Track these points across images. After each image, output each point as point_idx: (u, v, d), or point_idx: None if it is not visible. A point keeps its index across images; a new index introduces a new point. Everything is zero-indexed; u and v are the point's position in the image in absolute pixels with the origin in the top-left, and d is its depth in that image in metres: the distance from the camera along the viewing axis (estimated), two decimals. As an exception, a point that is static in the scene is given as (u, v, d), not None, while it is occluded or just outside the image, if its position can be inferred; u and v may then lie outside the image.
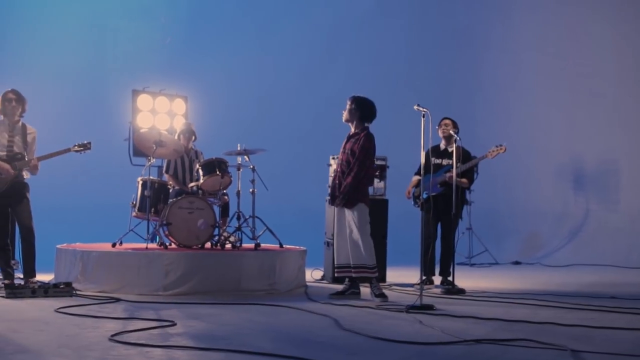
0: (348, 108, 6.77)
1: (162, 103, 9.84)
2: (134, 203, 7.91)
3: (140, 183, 7.92)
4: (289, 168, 13.23)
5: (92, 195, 12.16)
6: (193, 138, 8.56)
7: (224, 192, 8.12)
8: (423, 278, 6.83)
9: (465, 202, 8.27)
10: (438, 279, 7.87)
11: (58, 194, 11.32)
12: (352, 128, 6.81)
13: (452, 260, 7.58)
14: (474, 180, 8.07)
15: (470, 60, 14.57)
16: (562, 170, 13.62)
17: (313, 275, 8.49)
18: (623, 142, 13.00)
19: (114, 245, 7.52)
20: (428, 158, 7.63)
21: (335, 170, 6.91)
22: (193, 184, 8.04)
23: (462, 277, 8.06)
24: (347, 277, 6.82)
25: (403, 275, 8.61)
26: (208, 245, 7.64)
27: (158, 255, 6.89)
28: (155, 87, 9.89)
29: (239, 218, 7.86)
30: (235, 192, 8.05)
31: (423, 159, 6.75)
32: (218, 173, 7.69)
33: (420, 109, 6.28)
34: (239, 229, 7.80)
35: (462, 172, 7.58)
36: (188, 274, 6.77)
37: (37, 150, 6.80)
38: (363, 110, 6.72)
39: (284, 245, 7.95)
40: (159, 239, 7.68)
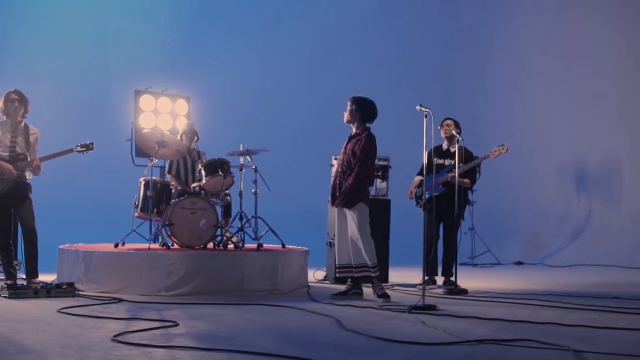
0: (349, 109, 6.76)
1: (164, 103, 9.85)
2: (137, 203, 7.92)
3: (143, 183, 7.92)
4: (292, 168, 13.23)
5: (94, 196, 12.17)
6: (195, 138, 8.56)
7: (227, 192, 8.11)
8: (425, 278, 6.83)
9: (468, 202, 8.26)
10: (440, 279, 7.87)
11: (60, 194, 11.32)
12: (353, 129, 6.80)
13: (454, 261, 7.58)
14: (476, 181, 8.07)
15: (473, 61, 14.56)
16: (564, 171, 13.60)
17: (315, 276, 8.48)
18: (626, 142, 12.99)
19: (117, 246, 7.52)
20: (430, 158, 7.63)
21: (336, 171, 6.91)
22: (195, 185, 8.04)
23: (464, 277, 8.05)
24: (348, 277, 6.82)
25: (405, 276, 8.61)
26: (210, 246, 7.64)
27: (160, 256, 6.89)
28: (158, 87, 9.90)
29: (242, 218, 7.87)
30: (238, 192, 8.06)
31: (425, 159, 6.75)
32: (220, 173, 7.69)
33: (423, 109, 6.27)
34: (242, 230, 7.80)
35: (464, 172, 7.57)
36: (190, 275, 6.77)
37: (39, 151, 6.79)
38: (364, 111, 6.72)
39: (287, 246, 7.95)
40: (162, 240, 7.68)
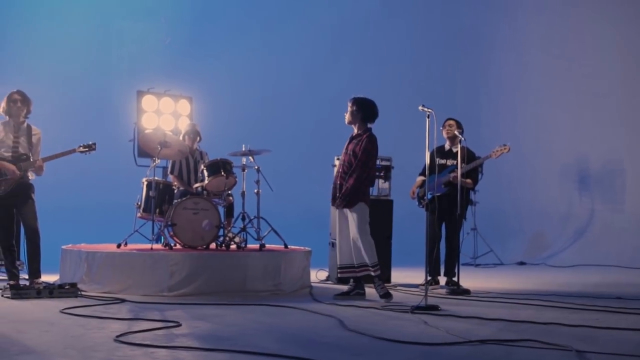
0: (349, 110, 6.75)
1: (166, 104, 9.86)
2: (139, 204, 7.93)
3: (145, 184, 7.93)
4: (294, 169, 13.23)
5: (97, 196, 12.19)
6: (198, 139, 8.57)
7: (229, 192, 8.11)
8: (428, 279, 6.83)
9: (470, 202, 8.26)
10: (443, 280, 7.87)
11: (63, 195, 11.34)
12: (355, 129, 6.80)
13: (457, 261, 7.58)
14: (479, 181, 8.08)
15: (475, 61, 14.56)
16: (567, 171, 13.59)
17: (318, 276, 8.49)
18: (628, 142, 12.97)
19: (119, 246, 7.53)
20: (433, 158, 7.62)
21: (337, 171, 6.91)
22: (198, 185, 8.05)
23: (467, 277, 8.04)
24: (350, 277, 6.82)
25: (408, 276, 8.61)
26: (213, 246, 7.63)
27: (163, 256, 6.89)
28: (160, 88, 9.91)
29: (244, 219, 7.87)
30: (240, 192, 8.06)
31: (428, 160, 6.74)
32: (223, 174, 7.69)
33: (425, 110, 6.26)
34: (244, 230, 7.81)
35: (466, 172, 7.57)
36: (193, 275, 6.78)
37: (42, 151, 6.80)
38: (365, 111, 6.70)
39: (289, 246, 7.95)
40: (164, 240, 7.68)
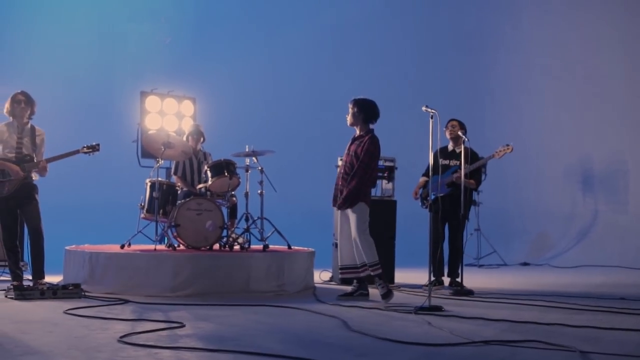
0: (351, 112, 6.73)
1: (170, 104, 9.87)
2: (143, 204, 7.93)
3: (149, 184, 7.94)
4: (297, 169, 13.24)
5: (100, 197, 12.21)
6: (201, 139, 8.57)
7: (232, 193, 8.12)
8: (432, 279, 6.82)
9: (473, 203, 8.25)
10: (447, 280, 7.86)
11: (67, 195, 11.36)
12: (357, 130, 6.79)
13: (460, 262, 7.57)
14: (482, 182, 8.07)
15: (479, 62, 14.55)
16: (570, 172, 13.58)
17: (321, 277, 8.48)
18: (632, 143, 12.96)
19: (123, 247, 7.53)
20: (436, 159, 7.61)
21: (339, 172, 6.90)
22: (201, 186, 8.06)
23: (470, 278, 8.04)
24: (351, 278, 6.80)
25: (411, 277, 8.60)
26: (216, 247, 7.64)
27: (166, 257, 6.90)
28: (164, 88, 9.92)
29: (247, 219, 7.88)
30: (244, 193, 8.07)
31: (431, 160, 6.73)
32: (226, 174, 7.70)
33: (429, 110, 6.26)
34: (247, 231, 7.81)
35: (469, 173, 7.56)
36: (196, 276, 6.78)
37: (45, 152, 6.82)
38: (366, 112, 6.68)
39: (292, 247, 7.95)
40: (168, 241, 7.69)
